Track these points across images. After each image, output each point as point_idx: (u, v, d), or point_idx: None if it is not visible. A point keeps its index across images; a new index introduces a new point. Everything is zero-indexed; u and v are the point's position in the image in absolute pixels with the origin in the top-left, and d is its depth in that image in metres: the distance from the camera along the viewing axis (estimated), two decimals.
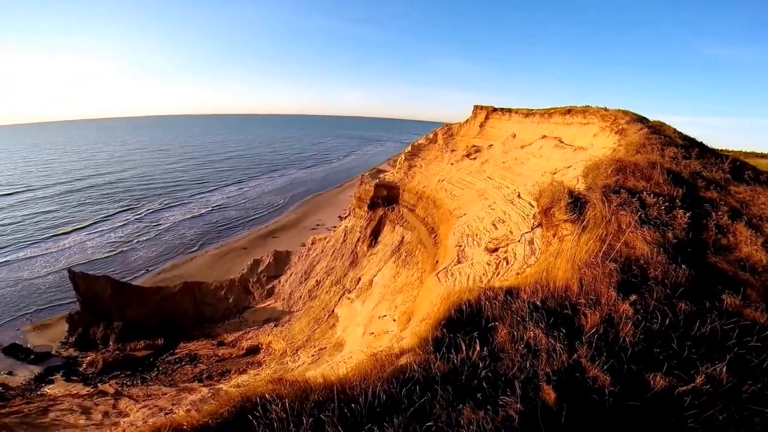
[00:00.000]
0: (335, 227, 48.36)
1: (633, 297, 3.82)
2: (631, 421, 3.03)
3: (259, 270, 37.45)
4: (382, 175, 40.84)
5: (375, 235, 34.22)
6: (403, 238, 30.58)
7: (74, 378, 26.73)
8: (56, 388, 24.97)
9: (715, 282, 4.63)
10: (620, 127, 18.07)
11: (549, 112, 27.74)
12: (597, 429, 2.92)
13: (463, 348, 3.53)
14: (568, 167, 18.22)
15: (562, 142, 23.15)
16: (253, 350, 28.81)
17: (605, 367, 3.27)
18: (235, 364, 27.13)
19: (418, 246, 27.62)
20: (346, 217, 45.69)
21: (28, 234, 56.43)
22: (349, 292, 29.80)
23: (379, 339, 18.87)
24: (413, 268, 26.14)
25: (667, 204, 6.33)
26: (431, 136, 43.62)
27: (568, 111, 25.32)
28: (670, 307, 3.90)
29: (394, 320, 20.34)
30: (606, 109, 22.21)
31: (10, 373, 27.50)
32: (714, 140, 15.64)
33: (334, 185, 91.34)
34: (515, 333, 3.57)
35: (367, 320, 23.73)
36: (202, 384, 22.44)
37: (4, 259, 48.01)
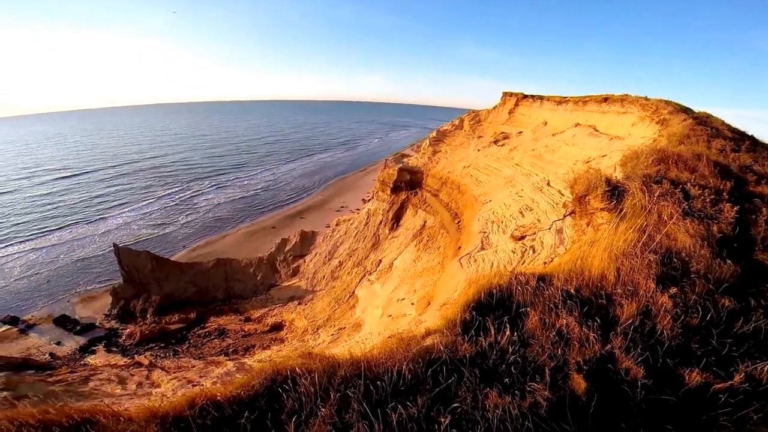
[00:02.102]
0: (358, 210, 48.73)
1: (673, 289, 3.67)
2: (661, 416, 2.97)
3: (286, 249, 38.43)
4: (405, 160, 40.72)
5: (397, 218, 34.30)
6: (425, 222, 30.52)
7: (114, 349, 28.45)
8: (97, 358, 26.56)
9: (763, 280, 4.40)
10: (662, 117, 17.25)
11: (584, 100, 26.88)
12: (625, 421, 2.86)
13: (492, 332, 3.48)
14: (603, 156, 17.63)
15: (597, 131, 22.45)
16: (277, 327, 29.74)
17: (639, 360, 3.19)
18: (259, 339, 28.12)
19: (441, 231, 27.51)
20: (369, 200, 45.91)
21: (82, 213, 60.43)
22: (370, 274, 30.16)
23: (397, 321, 19.08)
24: (434, 253, 26.12)
25: (713, 197, 5.99)
26: (457, 122, 43.13)
27: (605, 99, 24.41)
28: (712, 303, 3.74)
29: (413, 304, 20.49)
30: (647, 99, 21.27)
31: (58, 343, 29.49)
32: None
33: (358, 169, 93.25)
34: (547, 320, 3.50)
35: (385, 302, 24.02)
36: (228, 358, 23.30)
37: (61, 237, 51.59)
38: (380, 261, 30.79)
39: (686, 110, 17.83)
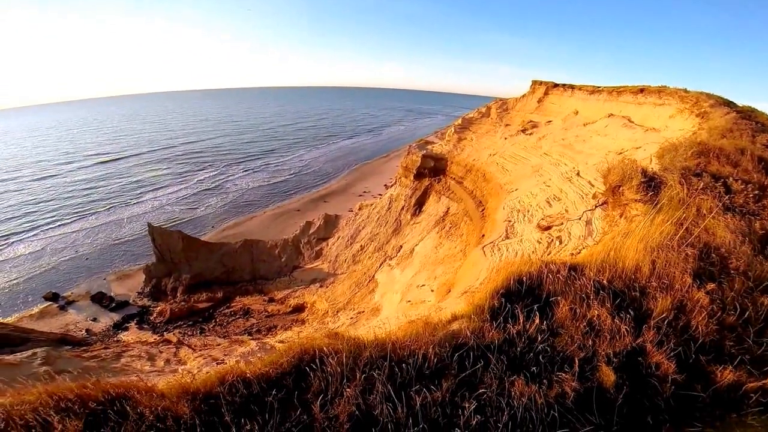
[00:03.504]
0: (381, 195, 48.87)
1: (711, 286, 3.59)
2: (689, 412, 2.95)
3: (310, 232, 39.09)
4: (429, 147, 40.41)
5: (419, 204, 34.24)
6: (448, 209, 30.35)
7: (145, 326, 29.77)
8: (129, 335, 27.74)
9: None
10: (702, 110, 16.57)
11: (618, 90, 26.10)
12: (652, 415, 2.85)
13: (521, 319, 3.47)
14: (637, 148, 17.04)
15: (632, 122, 21.81)
16: (299, 308, 30.47)
17: (671, 355, 3.14)
18: (281, 320, 28.93)
19: (464, 218, 27.32)
20: (391, 186, 45.89)
21: (121, 196, 63.39)
22: (390, 259, 30.36)
23: (416, 307, 19.22)
24: (456, 240, 26.03)
25: (756, 192, 5.74)
26: (484, 110, 42.50)
27: (641, 90, 23.61)
28: (751, 301, 3.64)
29: (432, 291, 20.56)
30: (686, 91, 20.48)
31: (94, 320, 31.20)
32: None
33: (382, 155, 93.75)
34: (578, 310, 3.47)
35: (405, 288, 24.19)
36: (251, 337, 23.99)
37: (99, 219, 54.40)
38: (401, 246, 30.93)
39: (729, 104, 17.13)
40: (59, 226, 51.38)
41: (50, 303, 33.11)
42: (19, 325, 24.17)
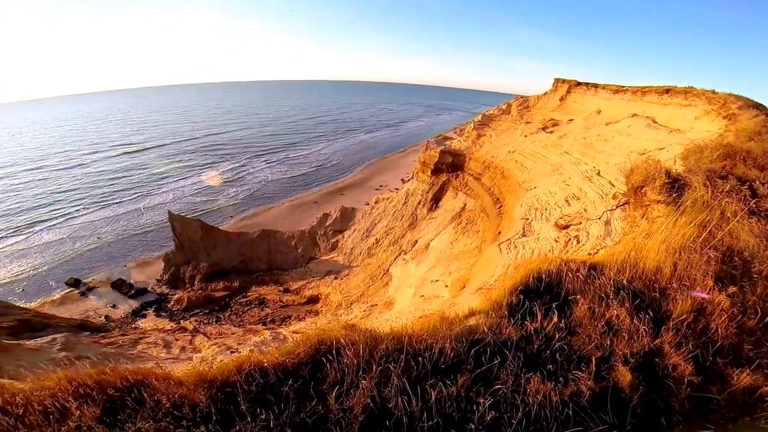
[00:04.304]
0: (397, 189, 48.93)
1: (732, 289, 3.59)
2: (703, 414, 2.97)
3: (327, 224, 39.44)
4: (447, 143, 40.26)
5: (436, 200, 34.19)
6: (465, 205, 30.25)
7: (162, 314, 30.34)
8: (147, 322, 28.30)
9: None
10: (730, 111, 16.13)
11: (643, 90, 25.61)
12: (666, 416, 2.86)
13: (539, 317, 3.48)
14: (661, 149, 16.69)
15: (656, 122, 21.39)
16: (313, 300, 30.82)
17: (689, 356, 3.15)
18: (295, 311, 29.30)
19: (481, 215, 27.21)
20: (408, 181, 45.89)
21: (145, 186, 65.43)
22: (405, 253, 30.46)
23: (429, 302, 19.28)
24: (472, 237, 25.96)
25: None
26: (504, 107, 42.18)
27: (667, 90, 23.12)
28: None
29: (447, 286, 20.58)
30: (714, 92, 19.92)
31: (114, 306, 32.00)
32: None
33: (399, 149, 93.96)
34: (596, 310, 3.50)
35: (419, 282, 24.25)
36: (265, 327, 24.17)
37: (122, 207, 56.27)
38: (416, 241, 31.00)
39: (758, 106, 16.62)
40: (83, 214, 53.16)
41: (72, 289, 34.13)
42: (41, 310, 24.96)
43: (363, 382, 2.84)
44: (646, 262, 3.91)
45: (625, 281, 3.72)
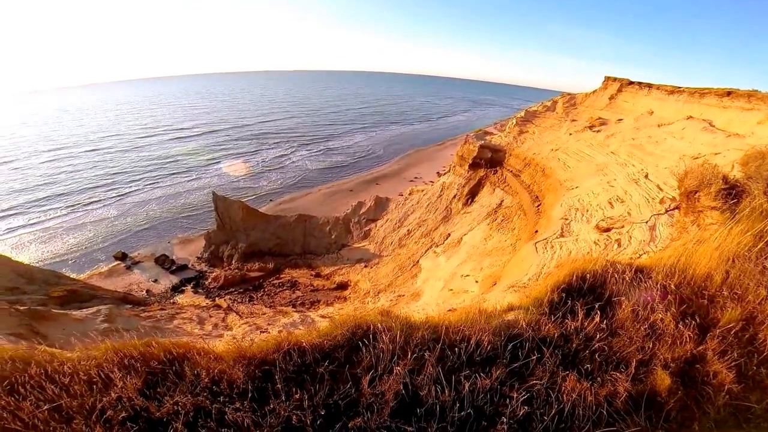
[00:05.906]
0: (432, 182, 48.71)
1: None
2: (738, 421, 2.93)
3: (361, 212, 40.03)
4: (488, 137, 39.63)
5: (472, 194, 33.79)
6: (501, 201, 29.74)
7: (200, 291, 31.52)
8: (185, 298, 29.33)
9: None
10: None
11: (701, 92, 24.34)
12: (699, 423, 2.85)
13: (580, 316, 3.47)
14: (716, 154, 15.82)
15: (713, 126, 20.26)
16: (342, 286, 31.37)
17: (732, 365, 3.11)
18: (324, 295, 29.90)
19: (518, 212, 26.70)
20: (444, 174, 45.54)
21: (194, 169, 68.79)
22: (437, 246, 30.41)
23: (457, 296, 19.28)
24: (507, 234, 25.56)
25: None
26: (549, 103, 41.04)
27: (728, 93, 21.84)
28: None
29: (477, 282, 20.46)
30: None
31: (155, 281, 33.61)
32: None
33: (436, 142, 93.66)
34: (640, 313, 3.49)
35: (448, 276, 24.21)
36: (294, 309, 24.66)
37: (173, 187, 59.65)
38: (449, 234, 30.85)
39: None
40: (137, 193, 56.63)
41: (118, 262, 36.34)
42: (89, 282, 26.47)
43: (397, 368, 2.85)
44: (696, 268, 3.84)
45: (672, 286, 3.69)
